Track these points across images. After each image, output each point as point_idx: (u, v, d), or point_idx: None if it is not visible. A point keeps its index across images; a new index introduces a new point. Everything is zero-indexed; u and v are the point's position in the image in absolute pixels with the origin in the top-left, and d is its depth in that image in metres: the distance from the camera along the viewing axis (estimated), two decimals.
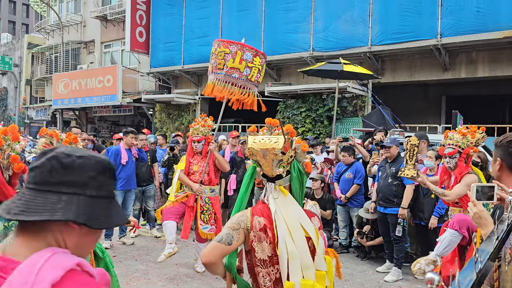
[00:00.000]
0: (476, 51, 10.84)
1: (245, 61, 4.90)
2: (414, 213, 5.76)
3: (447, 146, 4.12)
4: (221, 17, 14.32)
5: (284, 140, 2.15)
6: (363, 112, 11.69)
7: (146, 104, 17.31)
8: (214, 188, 5.59)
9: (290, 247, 2.10)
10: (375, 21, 11.36)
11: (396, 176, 5.52)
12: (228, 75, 4.96)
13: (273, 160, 2.15)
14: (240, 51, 4.90)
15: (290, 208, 2.18)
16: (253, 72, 4.98)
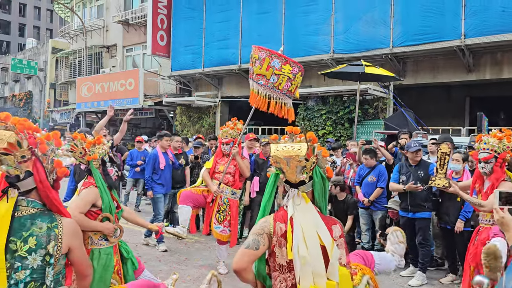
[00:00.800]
0: (502, 52, 10.62)
1: (272, 68, 4.78)
2: (440, 216, 5.65)
3: (481, 150, 3.87)
4: (241, 20, 14.41)
5: (307, 147, 2.23)
6: (384, 114, 11.58)
7: (167, 107, 17.52)
8: (236, 191, 5.61)
9: (302, 252, 2.14)
10: (397, 22, 11.25)
11: (426, 180, 5.44)
12: (255, 81, 4.90)
13: (296, 166, 2.23)
14: (268, 57, 4.80)
15: (308, 215, 2.23)
16: (281, 80, 4.83)
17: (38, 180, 2.03)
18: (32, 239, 1.95)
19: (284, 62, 4.83)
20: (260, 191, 7.16)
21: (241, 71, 14.68)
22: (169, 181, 6.96)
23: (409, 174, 5.63)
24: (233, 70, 14.75)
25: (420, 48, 10.92)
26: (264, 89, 4.84)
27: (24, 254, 1.94)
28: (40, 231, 1.97)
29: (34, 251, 1.95)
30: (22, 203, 2.01)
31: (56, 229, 2.01)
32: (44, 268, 1.97)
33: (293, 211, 2.23)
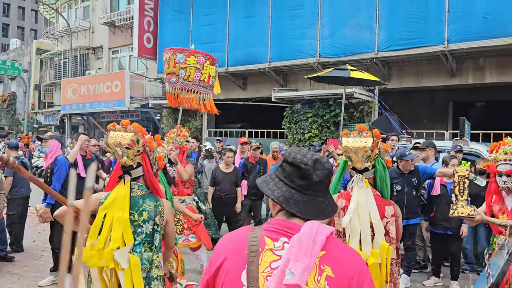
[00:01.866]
0: (484, 57, 10.83)
1: (178, 64, 4.81)
2: (437, 222, 5.58)
3: (501, 162, 3.36)
4: (228, 24, 14.43)
5: (372, 140, 2.83)
6: (369, 118, 11.69)
7: (154, 109, 17.42)
8: (184, 198, 5.48)
9: (353, 223, 2.79)
10: (382, 27, 11.39)
11: (418, 187, 5.48)
12: (167, 81, 4.96)
13: (363, 156, 2.82)
14: (172, 55, 4.85)
15: (365, 197, 2.84)
16: (189, 71, 4.85)
17: (146, 170, 2.76)
18: (145, 213, 2.69)
19: (187, 54, 4.87)
20: (249, 194, 7.17)
21: (228, 74, 14.69)
22: None
23: (403, 183, 5.50)
24: (220, 73, 14.72)
25: (405, 53, 11.07)
26: (179, 85, 4.87)
27: (141, 223, 2.67)
28: (150, 208, 2.70)
29: (147, 221, 2.69)
30: (134, 186, 2.73)
31: (160, 206, 2.76)
32: (153, 234, 2.70)
33: (356, 192, 2.85)
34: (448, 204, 5.39)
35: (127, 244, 2.57)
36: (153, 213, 2.70)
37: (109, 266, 2.52)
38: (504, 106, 14.09)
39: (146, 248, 2.67)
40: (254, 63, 13.73)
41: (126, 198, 2.63)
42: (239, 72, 14.61)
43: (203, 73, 4.98)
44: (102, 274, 2.56)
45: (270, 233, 1.36)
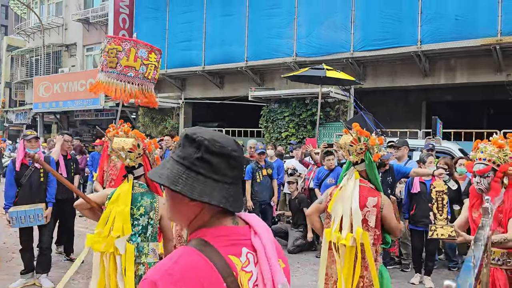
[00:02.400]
0: (455, 58, 11.11)
1: (140, 59, 4.67)
2: (417, 220, 5.65)
3: (477, 161, 3.14)
4: (204, 22, 14.35)
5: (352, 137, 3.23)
6: (345, 117, 11.84)
7: (129, 108, 17.17)
8: None
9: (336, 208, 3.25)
10: (357, 28, 11.55)
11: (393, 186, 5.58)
12: (123, 74, 4.71)
13: (348, 150, 3.27)
14: (133, 48, 4.67)
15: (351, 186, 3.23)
16: (150, 69, 4.77)
17: (146, 170, 3.21)
18: (142, 208, 3.13)
19: (149, 50, 4.74)
20: None
21: (205, 73, 14.62)
22: None
23: None
24: (197, 71, 14.67)
25: (379, 53, 11.26)
26: (137, 81, 4.72)
27: (138, 217, 3.12)
28: (146, 203, 3.15)
29: (143, 215, 3.14)
30: (136, 184, 3.18)
31: (156, 203, 3.19)
32: (147, 226, 3.14)
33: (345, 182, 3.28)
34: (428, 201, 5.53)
35: (125, 234, 3.03)
36: (148, 208, 3.15)
37: (109, 251, 3.01)
38: (474, 105, 14.50)
39: (142, 238, 3.13)
40: (231, 62, 13.70)
41: (128, 194, 3.10)
42: (216, 70, 14.56)
43: (158, 71, 4.99)
44: (103, 257, 3.06)
45: (230, 248, 1.15)
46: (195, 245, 1.13)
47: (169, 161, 1.19)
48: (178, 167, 1.16)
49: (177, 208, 1.19)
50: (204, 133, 1.18)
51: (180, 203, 1.17)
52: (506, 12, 9.65)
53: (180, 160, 1.17)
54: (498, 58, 10.13)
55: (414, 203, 5.69)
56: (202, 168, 1.15)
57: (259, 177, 6.93)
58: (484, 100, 13.95)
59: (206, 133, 1.18)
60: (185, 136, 1.20)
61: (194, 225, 1.20)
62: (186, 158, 1.16)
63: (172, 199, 1.20)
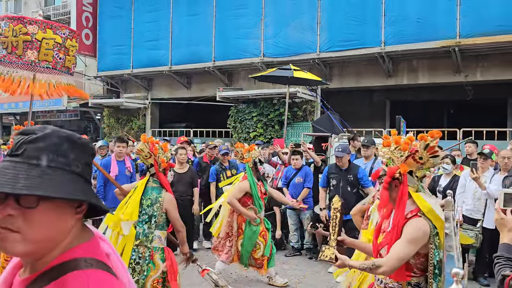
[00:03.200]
0: (417, 59, 11.47)
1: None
2: None
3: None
4: (171, 22, 14.19)
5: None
6: (312, 117, 12.00)
7: (94, 109, 16.78)
8: None
9: (376, 212, 3.27)
10: (323, 29, 11.72)
11: (355, 183, 5.70)
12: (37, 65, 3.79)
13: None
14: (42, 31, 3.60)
15: None
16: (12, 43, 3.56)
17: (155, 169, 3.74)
18: (149, 200, 3.65)
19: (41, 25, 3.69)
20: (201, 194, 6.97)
21: (172, 73, 14.46)
22: None
23: (338, 178, 5.78)
24: (163, 71, 14.49)
25: (345, 54, 11.48)
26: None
27: (145, 207, 3.64)
28: (152, 197, 3.67)
29: (149, 206, 3.65)
30: (151, 179, 3.75)
31: (160, 197, 3.68)
32: (151, 216, 3.64)
33: None
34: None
35: (132, 219, 3.53)
36: (154, 201, 3.66)
37: (115, 230, 3.54)
38: (435, 105, 15.03)
39: (148, 226, 3.63)
40: (199, 62, 13.62)
41: (142, 187, 3.68)
42: (183, 71, 14.42)
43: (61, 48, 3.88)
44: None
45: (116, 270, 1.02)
46: (100, 267, 0.96)
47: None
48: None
49: (50, 225, 0.94)
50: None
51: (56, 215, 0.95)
52: (464, 15, 10.04)
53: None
54: (457, 59, 10.53)
55: None
56: (61, 164, 0.96)
57: (223, 179, 6.64)
58: (445, 100, 14.46)
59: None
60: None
61: (66, 242, 0.98)
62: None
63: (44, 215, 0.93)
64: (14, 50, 3.56)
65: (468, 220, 5.64)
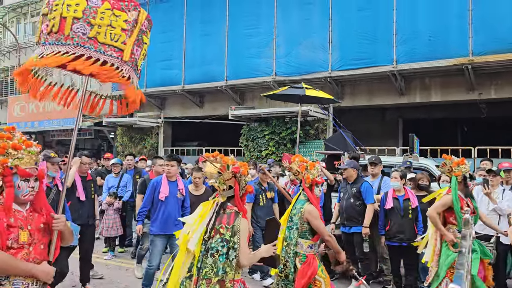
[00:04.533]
0: (429, 77, 11.44)
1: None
2: (392, 235, 5.63)
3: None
4: (184, 41, 14.43)
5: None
6: (325, 135, 11.98)
7: (107, 128, 17.00)
8: None
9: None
10: (335, 48, 11.80)
11: (358, 196, 5.70)
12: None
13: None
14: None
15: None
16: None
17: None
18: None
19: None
20: None
21: (185, 92, 14.62)
22: None
23: (345, 190, 5.92)
24: (177, 90, 14.66)
25: (357, 72, 11.51)
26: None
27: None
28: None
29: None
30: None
31: (302, 209, 3.87)
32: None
33: None
34: (402, 217, 5.63)
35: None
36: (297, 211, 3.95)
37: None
38: (448, 123, 14.90)
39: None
40: (211, 81, 13.77)
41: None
42: (196, 90, 14.58)
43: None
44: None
45: None
46: None
47: None
48: None
49: None
50: None
51: None
52: (476, 33, 10.03)
53: None
54: (470, 77, 10.48)
55: (388, 218, 5.73)
56: None
57: (262, 201, 6.17)
58: (458, 118, 14.34)
59: None
60: None
61: None
62: None
63: None
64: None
65: (482, 236, 5.54)
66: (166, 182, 5.32)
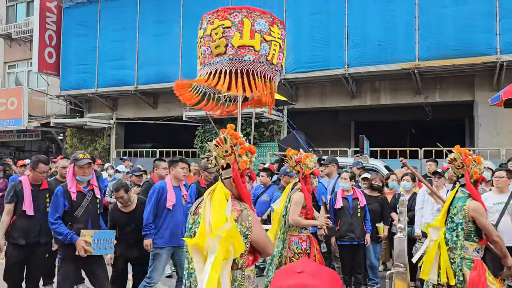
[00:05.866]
0: (379, 81, 11.84)
1: (259, 33, 3.00)
2: (342, 234, 5.71)
3: None
4: (137, 41, 14.10)
5: None
6: (279, 136, 12.09)
7: (56, 129, 16.30)
8: None
9: None
10: (289, 50, 11.85)
11: (313, 199, 5.77)
12: (237, 58, 2.99)
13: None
14: (247, 18, 2.98)
15: None
16: (274, 49, 3.09)
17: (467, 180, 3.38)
18: (455, 209, 3.58)
19: (271, 21, 3.07)
20: None
21: (138, 92, 14.29)
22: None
23: None
24: (129, 91, 14.30)
25: (310, 75, 11.71)
26: (260, 66, 3.03)
27: (453, 215, 3.55)
28: (458, 206, 3.55)
29: (455, 215, 3.57)
30: (459, 190, 3.64)
31: (465, 206, 3.50)
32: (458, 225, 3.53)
33: None
34: (351, 215, 5.76)
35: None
36: (459, 210, 3.61)
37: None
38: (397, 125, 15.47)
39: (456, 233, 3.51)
40: (165, 82, 13.53)
41: (450, 197, 3.64)
42: (149, 90, 14.28)
43: (284, 53, 3.34)
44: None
45: None
46: None
47: None
48: None
49: None
50: None
51: None
52: (422, 39, 10.48)
53: None
54: (417, 81, 10.94)
55: (338, 218, 5.83)
56: None
57: None
58: (407, 121, 14.92)
59: None
60: None
61: None
62: None
63: None
64: (272, 56, 3.10)
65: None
66: (172, 188, 4.84)
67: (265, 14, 3.09)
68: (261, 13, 3.07)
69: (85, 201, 4.23)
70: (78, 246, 4.04)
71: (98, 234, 4.17)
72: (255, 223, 2.57)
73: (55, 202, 4.18)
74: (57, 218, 4.13)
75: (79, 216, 4.19)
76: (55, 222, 4.12)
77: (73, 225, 4.16)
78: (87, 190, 4.30)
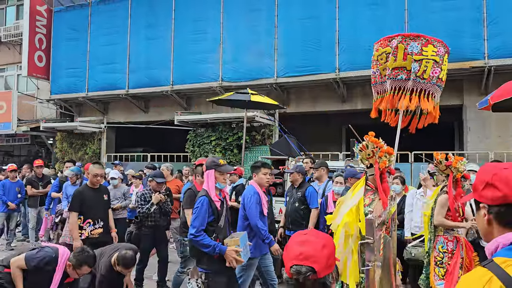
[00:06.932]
0: (369, 85, 11.87)
1: (410, 55, 3.80)
2: None
3: None
4: (128, 45, 14.07)
5: None
6: (271, 140, 12.12)
7: (46, 133, 16.17)
8: None
9: None
10: (280, 55, 12.00)
11: (303, 200, 5.82)
12: (392, 78, 3.92)
13: None
14: (401, 43, 3.78)
15: None
16: (425, 66, 3.81)
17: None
18: None
19: (424, 43, 3.81)
20: None
21: (129, 96, 14.24)
22: None
23: (291, 195, 6.07)
24: (120, 95, 14.25)
25: (301, 79, 11.76)
26: (410, 84, 3.84)
27: None
28: None
29: None
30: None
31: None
32: None
33: None
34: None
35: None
36: None
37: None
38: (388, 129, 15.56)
39: None
40: (156, 86, 13.52)
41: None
42: (140, 94, 14.25)
43: (443, 68, 3.93)
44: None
45: None
46: None
47: None
48: None
49: None
50: None
51: None
52: None
53: None
54: None
55: None
56: None
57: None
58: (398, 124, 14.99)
59: None
60: None
61: None
62: None
63: None
64: (423, 72, 3.89)
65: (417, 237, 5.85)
66: (263, 194, 4.67)
67: (418, 37, 3.95)
68: (415, 36, 3.95)
69: (224, 210, 4.02)
70: (229, 257, 3.78)
71: (243, 240, 3.90)
72: (376, 211, 3.15)
73: (199, 213, 3.83)
74: (200, 230, 3.79)
75: (222, 226, 3.95)
76: (198, 234, 3.78)
77: (218, 236, 3.89)
78: (222, 197, 4.06)
